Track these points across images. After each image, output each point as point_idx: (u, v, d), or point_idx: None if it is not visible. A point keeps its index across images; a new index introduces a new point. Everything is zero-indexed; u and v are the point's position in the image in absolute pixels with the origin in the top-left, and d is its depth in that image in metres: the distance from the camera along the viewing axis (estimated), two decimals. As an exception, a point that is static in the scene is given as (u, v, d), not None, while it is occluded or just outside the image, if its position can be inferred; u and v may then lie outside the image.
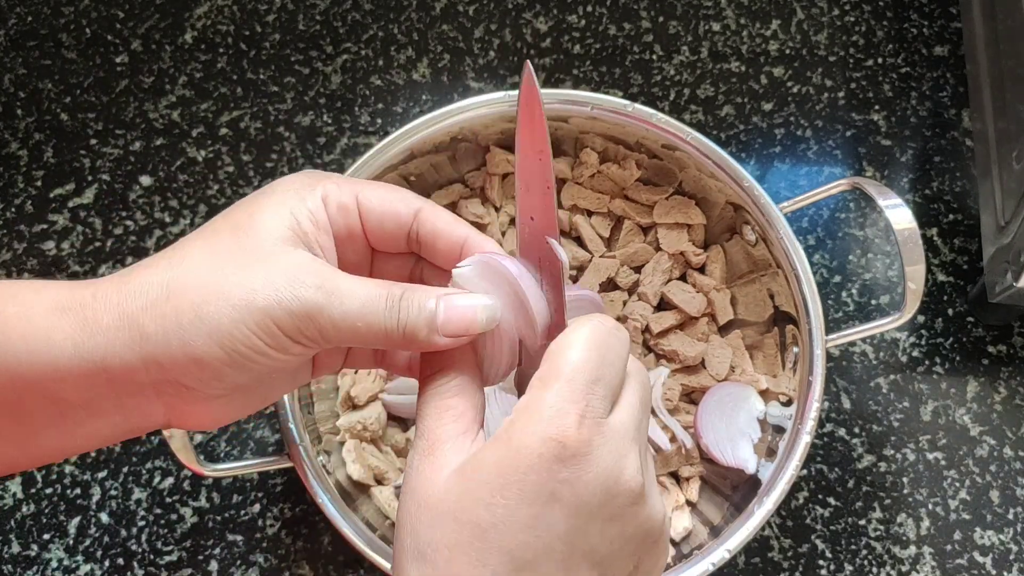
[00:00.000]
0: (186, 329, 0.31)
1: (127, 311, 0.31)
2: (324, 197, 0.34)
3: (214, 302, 0.31)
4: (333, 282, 0.32)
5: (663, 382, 0.56)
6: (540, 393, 0.30)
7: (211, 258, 0.32)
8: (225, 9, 0.72)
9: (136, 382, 0.31)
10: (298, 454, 0.48)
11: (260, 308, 0.31)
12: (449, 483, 0.30)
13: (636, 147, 0.57)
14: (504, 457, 0.29)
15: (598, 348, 0.31)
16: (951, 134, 0.69)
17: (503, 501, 0.29)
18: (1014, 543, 0.58)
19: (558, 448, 0.29)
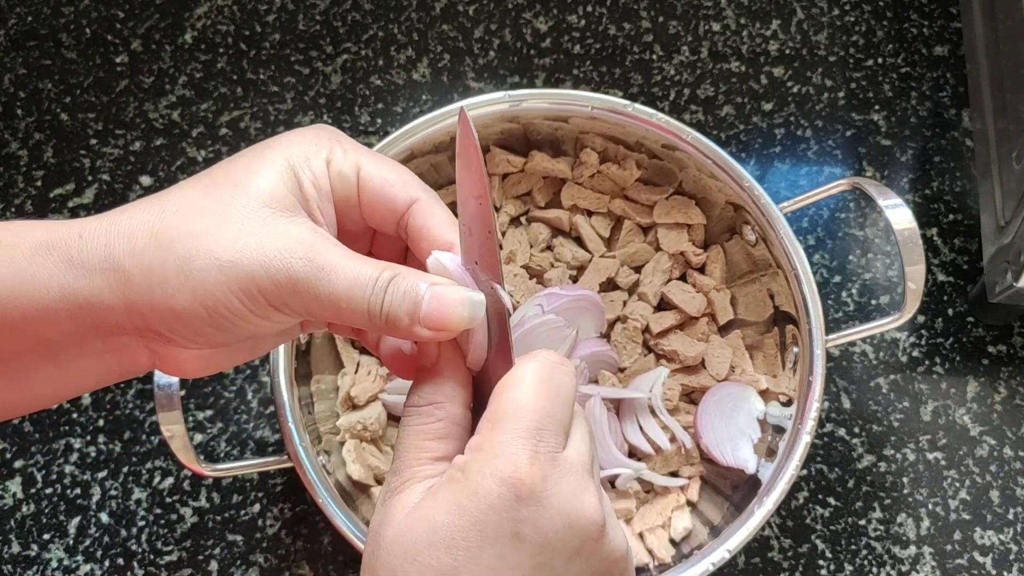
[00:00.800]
0: (170, 282, 0.30)
1: (113, 254, 0.30)
2: (328, 160, 0.33)
3: (201, 259, 0.30)
4: (324, 256, 0.31)
5: (663, 382, 0.56)
6: (490, 434, 0.30)
7: (205, 212, 0.31)
8: (225, 9, 0.72)
9: (119, 325, 0.31)
10: (298, 454, 0.48)
11: (247, 273, 0.30)
12: (406, 524, 0.29)
13: (636, 147, 0.57)
14: (461, 498, 0.29)
15: (546, 385, 0.31)
16: (951, 134, 0.69)
17: (463, 543, 0.28)
18: (1014, 543, 0.58)
19: (515, 487, 0.29)
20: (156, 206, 0.31)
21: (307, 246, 0.30)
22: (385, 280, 0.31)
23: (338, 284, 0.30)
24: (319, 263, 0.30)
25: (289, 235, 0.31)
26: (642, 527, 0.54)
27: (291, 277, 0.30)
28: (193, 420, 0.60)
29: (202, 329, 0.31)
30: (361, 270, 0.31)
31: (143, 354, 0.32)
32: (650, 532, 0.53)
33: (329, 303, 0.31)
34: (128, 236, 0.30)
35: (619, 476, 0.54)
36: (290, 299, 0.30)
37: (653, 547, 0.53)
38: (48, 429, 0.59)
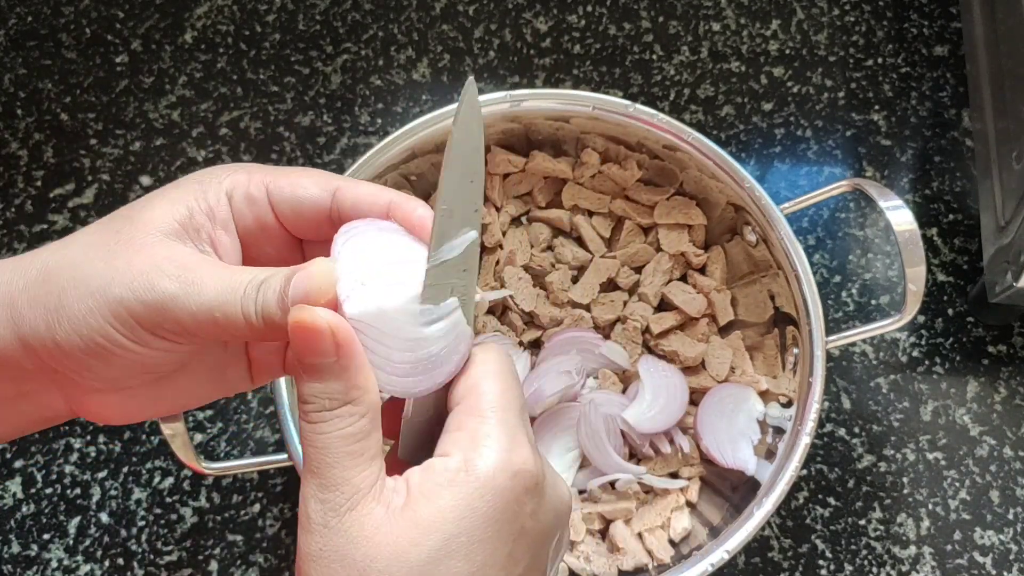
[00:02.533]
0: (51, 315, 0.29)
1: (9, 291, 0.30)
2: (230, 190, 0.32)
3: (75, 289, 0.29)
4: (195, 271, 0.29)
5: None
6: (480, 426, 0.29)
7: (90, 246, 0.30)
8: (225, 9, 0.72)
9: (21, 367, 0.30)
10: (298, 453, 0.48)
11: (115, 297, 0.29)
12: (404, 541, 0.27)
13: (637, 147, 0.57)
14: (473, 500, 0.27)
15: (513, 375, 0.30)
16: (951, 134, 0.69)
17: (480, 547, 0.27)
18: (1014, 543, 0.58)
19: (525, 479, 0.28)
20: (53, 245, 0.31)
21: (178, 264, 0.29)
22: (258, 281, 0.29)
23: (207, 294, 0.29)
24: (188, 278, 0.29)
25: (161, 256, 0.29)
26: (641, 527, 0.54)
27: (159, 296, 0.29)
28: (193, 420, 0.60)
29: (85, 361, 0.29)
30: (233, 277, 0.29)
31: (58, 400, 0.31)
32: (649, 533, 0.53)
33: (202, 315, 0.29)
34: (23, 271, 0.30)
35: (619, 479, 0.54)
36: (162, 319, 0.29)
37: (652, 548, 0.53)
38: (48, 429, 0.59)
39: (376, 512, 0.27)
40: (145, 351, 0.29)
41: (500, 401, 0.29)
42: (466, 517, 0.27)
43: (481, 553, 0.27)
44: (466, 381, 0.30)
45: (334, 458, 0.28)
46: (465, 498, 0.27)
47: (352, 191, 0.32)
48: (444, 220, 0.29)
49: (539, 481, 0.29)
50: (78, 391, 0.31)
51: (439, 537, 0.27)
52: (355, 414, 0.28)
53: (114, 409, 0.32)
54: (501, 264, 0.59)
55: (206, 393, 0.34)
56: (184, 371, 0.33)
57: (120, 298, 0.29)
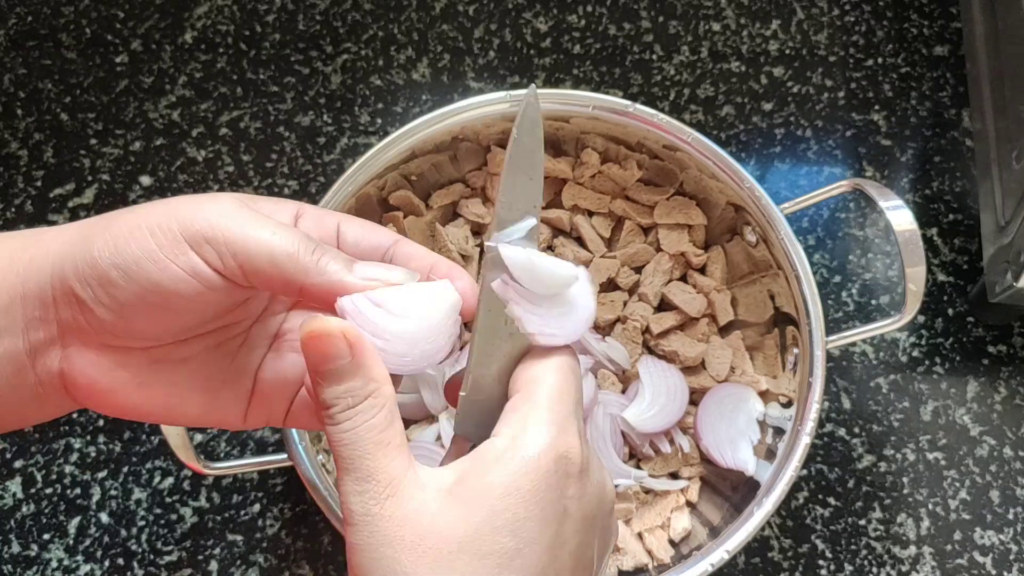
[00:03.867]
0: (96, 230, 0.30)
1: (64, 227, 0.31)
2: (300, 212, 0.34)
3: (132, 213, 0.30)
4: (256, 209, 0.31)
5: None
6: (533, 412, 0.30)
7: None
8: (225, 9, 0.72)
9: (42, 299, 0.30)
10: (298, 453, 0.48)
11: (167, 209, 0.29)
12: (450, 517, 0.28)
13: (637, 147, 0.57)
14: (518, 479, 0.28)
15: (575, 374, 0.32)
16: (951, 134, 0.69)
17: (526, 524, 0.28)
18: (1014, 543, 0.58)
19: (568, 464, 0.29)
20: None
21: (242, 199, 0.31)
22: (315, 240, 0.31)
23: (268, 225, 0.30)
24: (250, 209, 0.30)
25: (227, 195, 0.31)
26: (641, 528, 0.54)
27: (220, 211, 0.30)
28: (193, 420, 0.60)
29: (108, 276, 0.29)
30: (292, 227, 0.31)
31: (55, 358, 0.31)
32: (649, 533, 0.53)
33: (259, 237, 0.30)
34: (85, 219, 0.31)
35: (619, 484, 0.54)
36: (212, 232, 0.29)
37: (652, 548, 0.53)
38: (48, 429, 0.59)
39: (417, 496, 0.28)
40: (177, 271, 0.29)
41: (555, 392, 0.30)
42: (511, 494, 0.28)
43: (526, 530, 0.28)
44: (526, 371, 0.31)
45: (364, 450, 0.29)
46: (510, 475, 0.28)
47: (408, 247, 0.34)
48: (504, 211, 0.32)
49: (583, 467, 0.30)
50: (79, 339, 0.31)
51: (485, 512, 0.28)
52: (376, 406, 0.29)
53: (104, 373, 0.31)
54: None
55: (194, 404, 0.34)
56: (182, 365, 0.33)
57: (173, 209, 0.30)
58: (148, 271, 0.29)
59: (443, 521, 0.28)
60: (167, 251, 0.29)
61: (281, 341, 0.36)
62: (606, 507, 0.32)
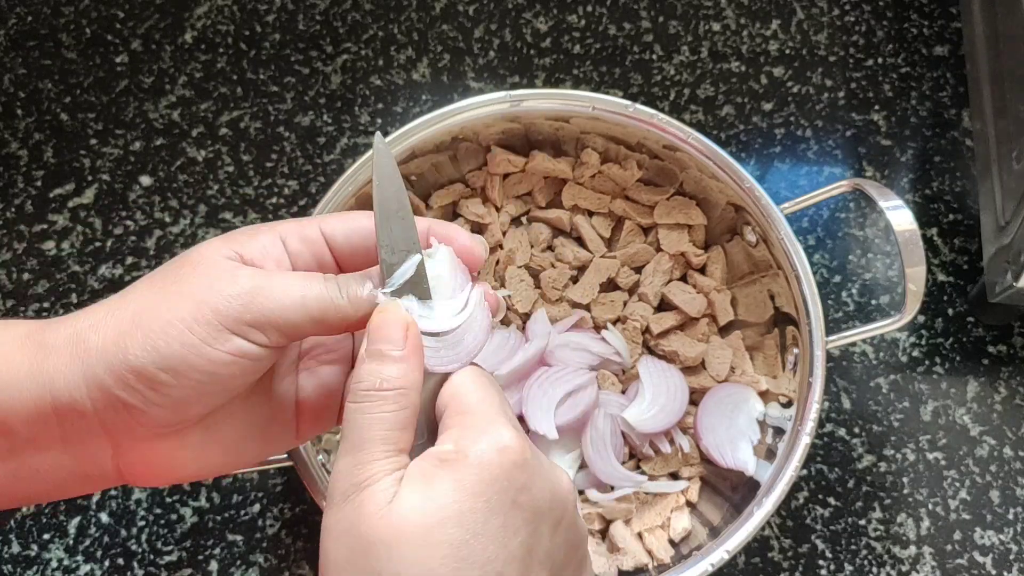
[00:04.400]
0: (124, 336, 0.30)
1: (76, 329, 0.31)
2: (283, 236, 0.34)
3: (151, 308, 0.31)
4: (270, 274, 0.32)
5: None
6: (464, 418, 0.31)
7: (153, 282, 0.32)
8: (225, 9, 0.72)
9: (81, 412, 0.31)
10: (298, 453, 0.48)
11: (196, 300, 0.30)
12: (405, 511, 0.29)
13: (637, 147, 0.57)
14: (463, 476, 0.29)
15: (488, 380, 0.33)
16: (951, 134, 0.69)
17: (471, 516, 0.29)
18: (1014, 543, 0.58)
19: (513, 455, 0.30)
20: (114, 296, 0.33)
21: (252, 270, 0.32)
22: (332, 278, 0.33)
23: (291, 283, 0.32)
24: (266, 275, 0.32)
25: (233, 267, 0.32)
26: (641, 527, 0.54)
27: (243, 288, 0.31)
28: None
29: (157, 378, 0.30)
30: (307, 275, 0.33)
31: (106, 456, 0.32)
32: (649, 533, 0.53)
33: (289, 301, 0.31)
34: (91, 312, 0.32)
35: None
36: (246, 311, 0.31)
37: (652, 548, 0.53)
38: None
39: (387, 492, 0.29)
40: (219, 353, 0.30)
41: (479, 397, 0.32)
42: (457, 490, 0.29)
43: (472, 522, 0.29)
44: (448, 389, 0.33)
45: (367, 437, 0.30)
46: (456, 473, 0.30)
47: None
48: (387, 255, 0.34)
49: (526, 456, 0.31)
50: (131, 435, 0.32)
51: (434, 507, 0.29)
52: (398, 403, 0.31)
53: (162, 459, 0.33)
54: (501, 264, 0.59)
55: (251, 450, 0.36)
56: (229, 419, 0.34)
57: (202, 299, 0.31)
58: (198, 365, 0.30)
59: (394, 515, 0.29)
60: (212, 342, 0.30)
61: (309, 359, 0.37)
62: (561, 501, 0.32)
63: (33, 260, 0.64)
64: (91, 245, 0.65)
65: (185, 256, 0.33)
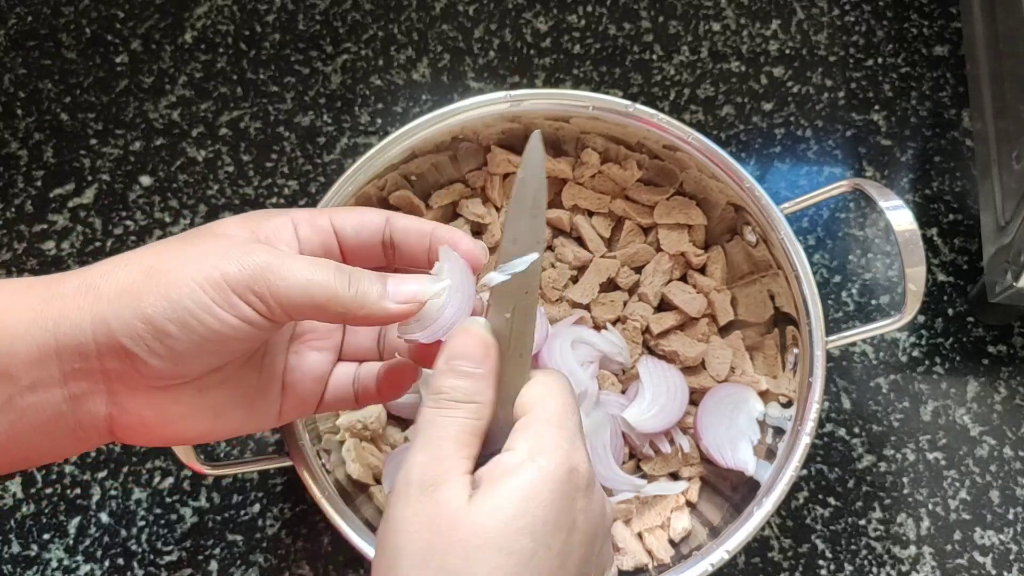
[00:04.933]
0: (136, 285, 0.32)
1: (86, 278, 0.32)
2: (295, 221, 0.36)
3: (166, 263, 0.32)
4: (285, 253, 0.33)
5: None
6: (548, 428, 0.32)
7: (171, 243, 0.34)
8: (225, 9, 0.72)
9: (83, 354, 0.32)
10: (298, 453, 0.48)
11: (210, 263, 0.32)
12: (480, 514, 0.30)
13: (637, 147, 0.57)
14: (538, 484, 0.30)
15: (572, 395, 0.34)
16: (951, 134, 0.69)
17: (542, 528, 0.30)
18: (1014, 543, 0.58)
19: (578, 477, 0.31)
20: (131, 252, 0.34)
21: (268, 247, 0.33)
22: (346, 268, 0.34)
23: (302, 266, 0.33)
24: (281, 254, 0.33)
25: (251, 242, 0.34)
26: (641, 527, 0.54)
27: (256, 262, 0.32)
28: (193, 420, 0.60)
29: (166, 328, 0.31)
30: (319, 261, 0.33)
31: (101, 403, 0.33)
32: (649, 533, 0.53)
33: (296, 283, 0.32)
34: (103, 264, 0.33)
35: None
36: (255, 282, 0.32)
37: (652, 548, 0.53)
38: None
39: (463, 490, 0.31)
40: (230, 319, 0.32)
41: (561, 410, 0.33)
42: (531, 499, 0.30)
43: (543, 534, 0.30)
44: (531, 394, 0.34)
45: (444, 438, 0.32)
46: (530, 483, 0.30)
47: (401, 220, 0.37)
48: (509, 245, 0.35)
49: (590, 481, 0.32)
50: (127, 386, 0.33)
51: (509, 513, 0.30)
52: (475, 413, 0.33)
53: (153, 411, 0.34)
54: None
55: (236, 419, 0.37)
56: (222, 385, 0.35)
57: (215, 264, 0.32)
58: (205, 321, 0.32)
59: (473, 517, 0.30)
60: (221, 302, 0.32)
61: (299, 343, 0.39)
62: (605, 527, 0.34)
63: (33, 260, 0.64)
64: (91, 245, 0.65)
65: (205, 227, 0.35)
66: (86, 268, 0.33)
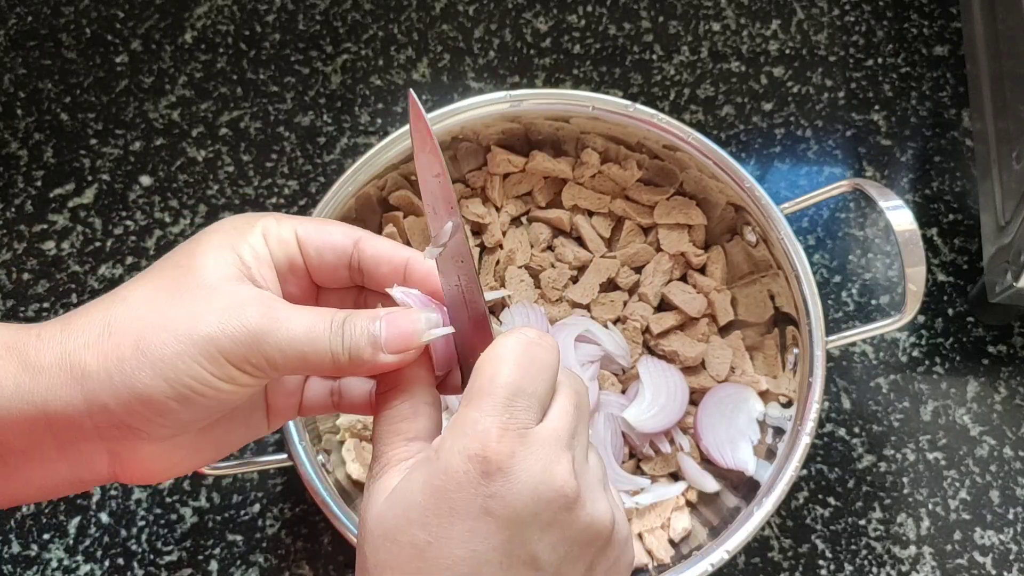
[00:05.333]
0: (128, 363, 0.30)
1: (68, 349, 0.30)
2: (264, 232, 0.34)
3: (156, 334, 0.30)
4: (277, 310, 0.32)
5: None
6: (464, 411, 0.31)
7: (152, 295, 0.32)
8: (225, 9, 0.72)
9: (78, 426, 0.31)
10: (298, 453, 0.48)
11: (204, 336, 0.30)
12: (385, 505, 0.31)
13: (637, 147, 0.57)
14: (432, 477, 0.30)
15: (519, 360, 0.31)
16: (951, 134, 0.69)
17: (436, 520, 0.30)
18: (1014, 543, 0.58)
19: (482, 464, 0.30)
20: (105, 302, 0.32)
21: (259, 302, 0.32)
22: (340, 320, 0.32)
23: (296, 330, 0.31)
24: (273, 315, 0.31)
25: (239, 295, 0.32)
26: (641, 528, 0.54)
27: (249, 331, 0.31)
28: (193, 420, 0.60)
29: (167, 406, 0.30)
30: (314, 315, 0.32)
31: (102, 462, 0.32)
32: (649, 533, 0.53)
33: (292, 351, 0.31)
34: (82, 330, 0.31)
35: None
36: (252, 354, 0.31)
37: (652, 548, 0.53)
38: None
39: (391, 481, 0.31)
40: (229, 388, 0.31)
41: (488, 387, 0.31)
42: (424, 492, 0.30)
43: (435, 526, 0.30)
44: (477, 362, 0.32)
45: (378, 435, 0.33)
46: (428, 476, 0.30)
47: (373, 245, 0.35)
48: (431, 217, 0.34)
49: (502, 467, 0.30)
50: (129, 447, 0.32)
51: (403, 506, 0.30)
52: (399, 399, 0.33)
53: (159, 462, 0.33)
54: (501, 264, 0.59)
55: (235, 440, 0.37)
56: (221, 422, 0.35)
57: (209, 336, 0.30)
58: (207, 394, 0.31)
59: (378, 510, 0.31)
60: (220, 375, 0.31)
61: None
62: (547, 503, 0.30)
63: (33, 260, 0.64)
64: (91, 245, 0.65)
65: (187, 259, 0.33)
66: (60, 329, 0.31)
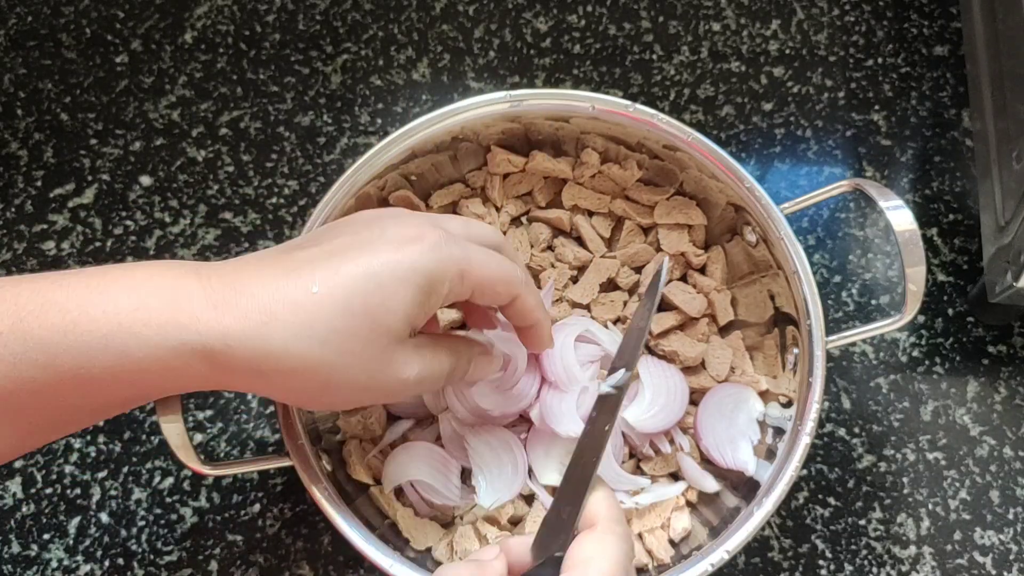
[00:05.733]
0: (314, 396, 0.40)
1: (261, 370, 0.37)
2: (448, 292, 0.40)
3: (340, 373, 0.38)
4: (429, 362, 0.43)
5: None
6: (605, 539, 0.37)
7: (346, 350, 0.38)
8: (225, 9, 0.72)
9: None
10: (298, 453, 0.48)
11: (379, 383, 0.40)
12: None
13: (637, 147, 0.57)
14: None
15: (627, 559, 0.37)
16: (951, 134, 0.69)
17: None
18: (1014, 543, 0.58)
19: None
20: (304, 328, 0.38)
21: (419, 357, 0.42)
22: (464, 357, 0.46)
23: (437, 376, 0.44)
24: (427, 364, 0.42)
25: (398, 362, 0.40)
26: (641, 528, 0.54)
27: (408, 381, 0.41)
28: (193, 420, 0.60)
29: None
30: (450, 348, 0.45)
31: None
32: (649, 533, 0.53)
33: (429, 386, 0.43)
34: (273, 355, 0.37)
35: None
36: (407, 390, 0.41)
37: (652, 548, 0.53)
38: (48, 429, 0.59)
39: None
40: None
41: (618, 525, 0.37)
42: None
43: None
44: (581, 550, 0.36)
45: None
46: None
47: (522, 307, 0.44)
48: (616, 358, 0.47)
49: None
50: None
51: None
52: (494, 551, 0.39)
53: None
54: (501, 264, 0.59)
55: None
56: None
57: (384, 386, 0.40)
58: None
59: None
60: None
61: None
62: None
63: (33, 260, 0.64)
64: (91, 245, 0.65)
65: (378, 316, 0.38)
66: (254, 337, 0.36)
